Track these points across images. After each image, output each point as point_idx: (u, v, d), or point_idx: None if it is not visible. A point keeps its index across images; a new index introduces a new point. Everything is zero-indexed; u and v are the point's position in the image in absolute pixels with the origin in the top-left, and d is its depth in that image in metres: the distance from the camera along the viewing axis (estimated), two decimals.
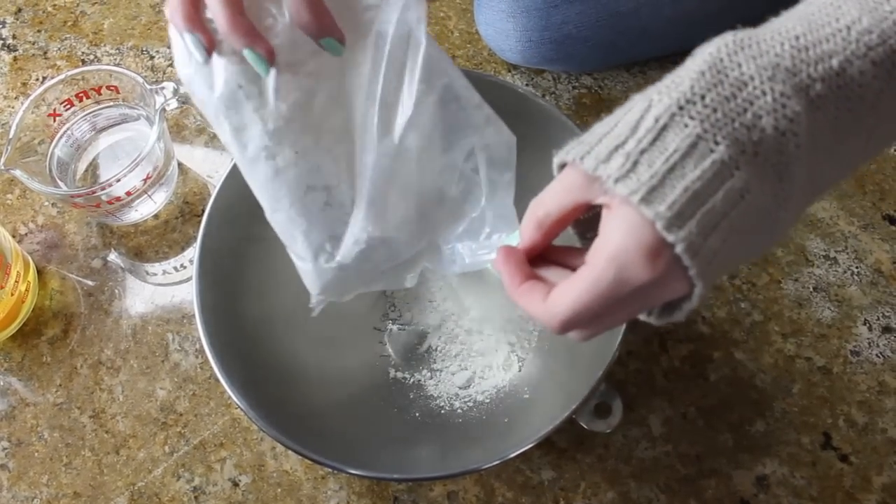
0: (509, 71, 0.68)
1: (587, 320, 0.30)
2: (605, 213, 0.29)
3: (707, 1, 0.61)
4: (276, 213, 0.39)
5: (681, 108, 0.28)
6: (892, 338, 0.57)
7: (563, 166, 0.32)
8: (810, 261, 0.60)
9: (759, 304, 0.58)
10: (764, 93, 0.27)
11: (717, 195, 0.27)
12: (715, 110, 0.27)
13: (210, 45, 0.34)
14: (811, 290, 0.59)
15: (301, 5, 0.34)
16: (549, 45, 0.62)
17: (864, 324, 0.57)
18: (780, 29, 0.28)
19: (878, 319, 0.58)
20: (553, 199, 0.31)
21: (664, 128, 0.28)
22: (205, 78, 0.35)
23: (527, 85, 0.67)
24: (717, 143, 0.27)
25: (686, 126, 0.27)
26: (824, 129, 0.28)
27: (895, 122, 0.30)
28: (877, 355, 0.56)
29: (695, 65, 0.28)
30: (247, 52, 0.34)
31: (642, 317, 0.33)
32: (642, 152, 0.28)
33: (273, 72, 0.35)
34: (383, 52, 0.36)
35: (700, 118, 0.27)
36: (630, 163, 0.28)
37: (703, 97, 0.27)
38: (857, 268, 0.59)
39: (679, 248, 0.27)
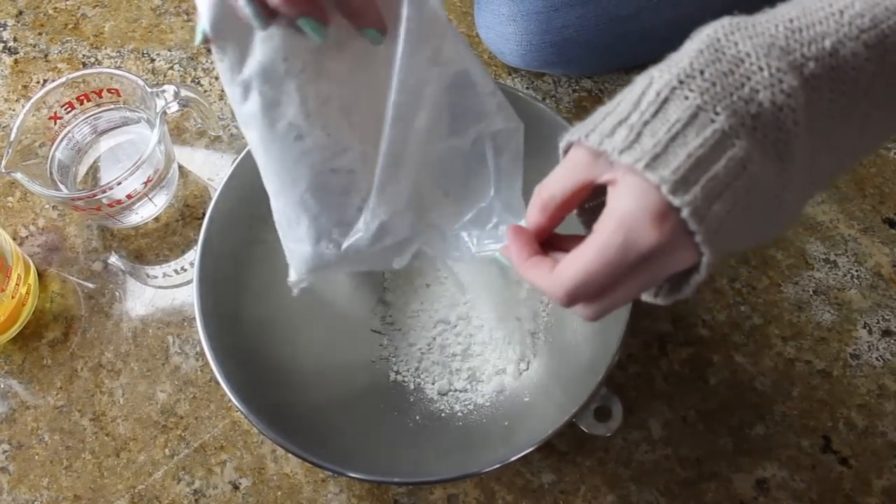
0: (509, 74, 0.68)
1: (595, 291, 0.30)
2: (610, 190, 0.30)
3: (706, 4, 0.61)
4: (285, 195, 0.38)
5: (681, 82, 0.29)
6: (892, 341, 0.57)
7: (567, 152, 0.32)
8: (810, 264, 0.60)
9: (758, 308, 0.58)
10: (760, 68, 0.28)
11: (720, 163, 0.28)
12: (714, 84, 0.28)
13: (269, 13, 0.33)
14: (811, 293, 0.59)
15: None
16: (549, 49, 0.62)
17: (864, 327, 0.57)
18: (774, 14, 0.30)
19: (878, 323, 0.58)
20: (558, 181, 0.32)
21: (665, 101, 0.29)
22: (241, 47, 0.34)
23: (527, 88, 0.68)
24: (716, 114, 0.28)
25: (686, 98, 0.28)
26: (820, 110, 0.29)
27: (889, 111, 0.31)
28: (876, 359, 0.56)
29: (693, 45, 0.30)
30: (303, 21, 0.33)
31: (649, 299, 0.33)
32: (645, 124, 0.29)
33: (323, 47, 0.34)
34: (400, 34, 0.35)
35: (700, 91, 0.28)
36: (634, 134, 0.29)
37: (702, 72, 0.28)
38: (856, 271, 0.59)
39: (685, 213, 0.28)
